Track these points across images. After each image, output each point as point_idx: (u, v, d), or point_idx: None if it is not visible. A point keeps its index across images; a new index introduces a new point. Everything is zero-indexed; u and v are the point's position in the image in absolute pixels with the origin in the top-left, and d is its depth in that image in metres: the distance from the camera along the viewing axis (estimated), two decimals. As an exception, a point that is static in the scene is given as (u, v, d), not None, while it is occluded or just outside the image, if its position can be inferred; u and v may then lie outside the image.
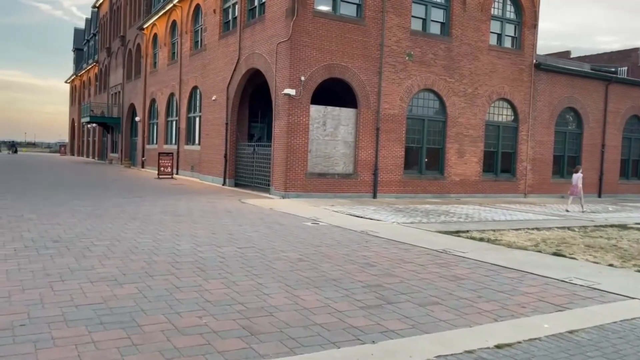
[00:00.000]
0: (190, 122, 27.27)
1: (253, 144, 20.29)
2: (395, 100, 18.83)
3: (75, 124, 62.17)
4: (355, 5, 18.17)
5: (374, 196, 18.54)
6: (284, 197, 17.04)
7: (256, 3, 19.62)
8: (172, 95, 29.73)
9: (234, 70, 20.74)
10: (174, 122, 29.54)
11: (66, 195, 15.54)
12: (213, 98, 22.70)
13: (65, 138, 73.66)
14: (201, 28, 25.68)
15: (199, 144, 25.43)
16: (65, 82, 66.98)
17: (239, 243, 8.64)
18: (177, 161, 27.35)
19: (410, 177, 19.43)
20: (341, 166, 18.17)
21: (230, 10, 21.94)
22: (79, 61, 61.90)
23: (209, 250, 7.95)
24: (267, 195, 17.90)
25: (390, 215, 13.75)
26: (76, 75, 61.13)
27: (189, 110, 27.34)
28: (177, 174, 26.96)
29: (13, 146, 71.77)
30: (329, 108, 17.87)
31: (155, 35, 32.78)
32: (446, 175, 20.30)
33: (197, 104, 26.44)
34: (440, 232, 10.95)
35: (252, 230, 10.15)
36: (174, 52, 29.63)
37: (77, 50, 62.31)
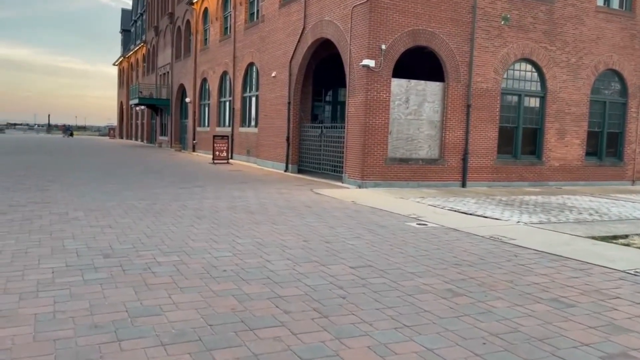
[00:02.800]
0: (245, 103, 25.20)
1: (320, 125, 17.97)
2: (488, 72, 16.03)
3: (124, 107, 61.63)
4: (443, -40, 15.40)
5: (463, 184, 15.93)
6: (360, 187, 14.69)
7: (325, -38, 17.10)
8: (225, 73, 27.71)
9: (298, 42, 18.37)
10: (228, 103, 27.57)
11: (117, 184, 13.69)
12: (273, 75, 20.45)
13: (114, 121, 73.67)
14: (257, -2, 23.40)
15: (256, 125, 23.34)
16: (113, 64, 66.50)
17: (347, 259, 6.35)
18: (231, 145, 25.40)
19: (503, 163, 16.67)
20: (425, 150, 15.62)
21: (292, -26, 19.49)
22: (126, 43, 61.06)
23: (313, 271, 5.70)
24: (340, 184, 15.59)
25: (501, 210, 11.17)
26: (124, 58, 60.35)
27: (244, 89, 25.24)
28: (231, 158, 25.02)
29: (68, 129, 72.19)
30: (413, 82, 15.29)
31: (205, 10, 30.76)
32: (544, 160, 17.41)
33: (254, 82, 24.29)
34: (590, 237, 8.35)
35: (351, 235, 7.84)
36: (227, 27, 27.52)
37: (125, 31, 61.46)
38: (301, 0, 18.11)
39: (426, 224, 9.12)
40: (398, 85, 15.02)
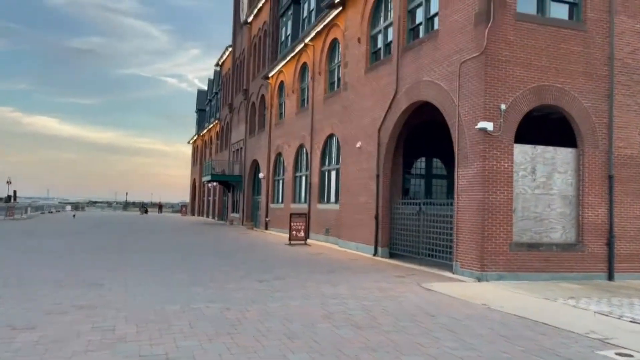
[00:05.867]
0: (324, 177, 23.07)
1: (418, 201, 15.25)
2: (633, 136, 12.92)
3: (196, 184, 61.97)
4: (567, 5, 12.95)
5: (610, 277, 12.43)
6: (479, 280, 11.60)
7: (421, 18, 15.12)
8: (301, 147, 25.99)
9: (389, 108, 16.17)
10: (304, 178, 25.60)
11: (184, 275, 11.43)
12: (357, 145, 18.25)
13: (186, 198, 74.55)
14: (338, 66, 21.83)
15: (337, 202, 20.96)
16: (188, 142, 68.00)
17: None
18: (307, 223, 23.06)
19: (659, 248, 13.07)
20: (559, 232, 12.42)
21: (379, 36, 17.71)
22: (201, 122, 62.41)
23: None
24: (450, 274, 12.56)
25: None
26: (198, 135, 61.43)
27: (322, 162, 23.22)
28: (308, 237, 22.58)
29: (143, 207, 73.75)
30: (539, 148, 12.43)
31: (281, 84, 29.81)
32: None
33: (334, 155, 22.23)
34: None
35: (537, 382, 4.88)
36: (304, 99, 26.12)
37: (200, 111, 63.02)
38: (392, 62, 16.09)
39: (632, 356, 5.97)
40: (522, 152, 12.21)
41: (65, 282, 10.06)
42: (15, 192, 79.95)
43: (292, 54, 26.46)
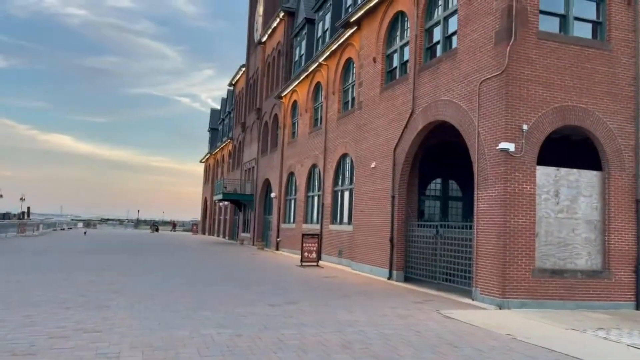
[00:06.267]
0: (337, 197, 22.69)
1: (435, 223, 14.78)
2: (660, 158, 12.43)
3: (208, 203, 61.84)
4: (591, 24, 12.62)
5: (638, 306, 11.83)
6: (500, 307, 11.07)
7: (439, 37, 14.86)
8: (313, 166, 25.70)
9: (405, 127, 15.83)
10: (316, 198, 25.24)
11: (193, 298, 11.04)
12: (372, 165, 17.89)
13: (198, 216, 74.48)
14: (352, 85, 21.62)
15: (350, 223, 20.54)
16: (200, 161, 68.11)
17: None
18: (319, 244, 22.60)
19: (690, 276, 12.45)
20: (584, 259, 11.88)
21: (395, 55, 17.47)
22: (213, 141, 62.55)
23: None
24: (469, 301, 12.04)
25: None
26: (210, 154, 61.51)
27: (335, 182, 22.87)
28: (320, 259, 22.12)
29: (154, 225, 73.73)
30: (563, 170, 11.98)
31: (294, 103, 29.69)
32: None
33: (347, 175, 21.89)
34: None
35: None
36: (317, 118, 25.91)
37: (212, 130, 63.20)
38: (409, 81, 15.81)
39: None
40: (545, 174, 11.77)
41: (71, 303, 9.71)
42: (28, 208, 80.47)
43: (306, 74, 26.35)
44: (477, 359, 6.68)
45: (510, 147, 11.33)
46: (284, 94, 30.46)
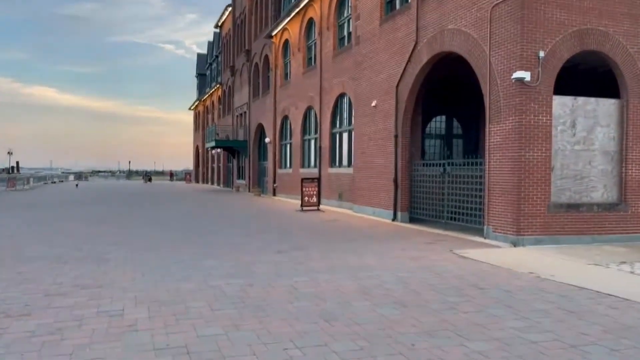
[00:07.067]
0: (335, 140, 22.01)
1: (441, 161, 14.21)
2: (681, 84, 11.76)
3: (200, 151, 60.90)
4: (611, -62, 11.58)
5: (654, 238, 11.52)
6: (515, 244, 10.69)
7: (444, -40, 13.73)
8: (309, 108, 24.83)
9: (408, 61, 14.94)
10: (313, 141, 24.55)
11: (196, 247, 10.55)
12: (373, 104, 17.10)
13: (190, 166, 73.74)
14: (348, 19, 20.46)
15: (350, 165, 19.97)
16: (189, 109, 66.55)
17: None
18: (318, 188, 22.12)
19: None
20: (600, 192, 11.43)
21: (395, -17, 16.31)
22: (202, 87, 60.80)
23: None
24: (481, 239, 11.66)
25: None
26: (199, 101, 59.98)
27: (333, 124, 22.11)
28: (320, 203, 21.69)
29: (147, 175, 73.16)
30: (580, 99, 11.31)
31: (286, 42, 28.38)
32: None
33: (345, 116, 21.12)
34: None
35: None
36: (311, 57, 24.79)
37: (200, 75, 61.29)
38: (411, 11, 14.78)
39: None
40: (561, 104, 11.10)
41: (68, 257, 9.18)
42: (17, 162, 79.22)
43: (297, 10, 24.97)
44: (507, 301, 6.25)
45: (526, 75, 10.58)
46: (274, 33, 29.07)
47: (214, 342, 4.69)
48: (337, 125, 21.86)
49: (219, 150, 45.42)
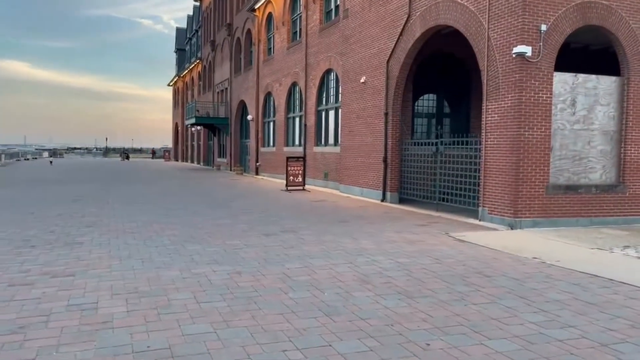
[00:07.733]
0: (321, 117, 21.34)
1: (434, 140, 13.70)
2: (683, 62, 11.38)
3: (179, 128, 59.52)
4: None
5: (651, 220, 11.25)
6: (512, 227, 10.29)
7: None
8: (294, 85, 24.04)
9: (400, 35, 14.29)
10: (298, 119, 23.82)
11: (178, 230, 9.91)
12: (362, 80, 16.45)
13: (169, 143, 72.32)
14: (336, -8, 19.62)
15: (337, 144, 19.37)
16: (168, 84, 64.82)
17: None
18: (303, 167, 21.50)
19: (703, 188, 11.84)
20: (598, 172, 11.07)
21: (387, -47, 15.54)
22: (181, 62, 59.17)
23: None
24: (476, 221, 11.24)
25: None
26: (179, 77, 58.37)
27: (319, 101, 21.41)
28: (305, 183, 21.10)
29: (125, 153, 71.74)
30: (581, 77, 10.84)
31: (269, 16, 27.37)
32: None
33: (332, 93, 20.42)
34: None
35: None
36: (296, 31, 23.90)
37: (180, 50, 59.61)
38: (404, -18, 14.08)
39: None
40: (561, 81, 10.62)
41: (38, 240, 8.46)
42: (-12, 139, 76.57)
43: (282, -19, 23.97)
44: (518, 291, 5.80)
45: (527, 50, 10.05)
46: (257, 5, 28.00)
47: (201, 343, 4.11)
48: (324, 103, 21.18)
49: (199, 127, 44.34)
